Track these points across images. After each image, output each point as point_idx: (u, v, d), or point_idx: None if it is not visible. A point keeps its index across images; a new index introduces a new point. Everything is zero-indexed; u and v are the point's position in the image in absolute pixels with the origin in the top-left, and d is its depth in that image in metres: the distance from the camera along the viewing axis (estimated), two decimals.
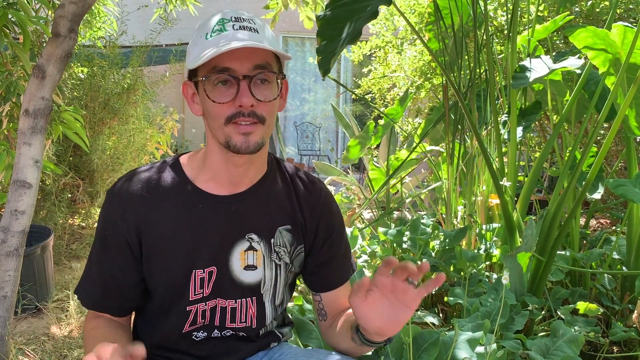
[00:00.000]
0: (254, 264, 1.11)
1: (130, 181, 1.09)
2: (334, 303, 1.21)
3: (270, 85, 1.02)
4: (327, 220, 1.19)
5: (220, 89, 0.99)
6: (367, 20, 2.01)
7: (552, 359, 1.49)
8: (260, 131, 1.01)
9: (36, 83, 1.93)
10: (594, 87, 2.40)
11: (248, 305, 1.13)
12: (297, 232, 1.15)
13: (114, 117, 4.06)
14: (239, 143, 0.99)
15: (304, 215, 1.16)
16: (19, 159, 1.95)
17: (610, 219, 4.62)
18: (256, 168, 1.11)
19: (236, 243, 1.09)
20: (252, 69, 0.98)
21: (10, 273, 1.96)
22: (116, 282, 1.08)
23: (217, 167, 1.08)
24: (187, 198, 1.08)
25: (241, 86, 0.97)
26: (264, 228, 1.12)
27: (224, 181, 1.09)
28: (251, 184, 1.11)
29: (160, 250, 1.06)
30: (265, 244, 1.12)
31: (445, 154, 3.19)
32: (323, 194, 1.20)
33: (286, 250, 1.14)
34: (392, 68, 4.99)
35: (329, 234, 1.19)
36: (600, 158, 1.95)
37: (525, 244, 2.00)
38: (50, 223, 3.55)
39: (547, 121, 4.11)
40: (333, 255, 1.20)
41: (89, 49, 4.12)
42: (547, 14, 3.62)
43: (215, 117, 1.00)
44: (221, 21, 1.00)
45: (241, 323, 1.14)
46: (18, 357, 2.14)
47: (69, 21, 1.93)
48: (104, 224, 1.08)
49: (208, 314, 1.11)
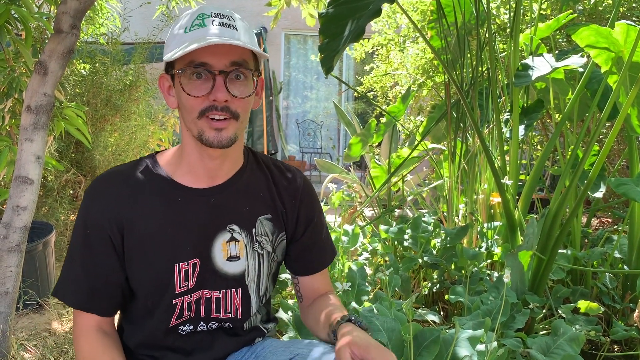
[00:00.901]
0: (236, 255, 1.13)
1: (109, 179, 1.10)
2: (311, 286, 1.25)
3: (246, 81, 1.04)
4: (308, 206, 1.22)
5: (196, 83, 1.01)
6: (370, 18, 2.00)
7: (552, 357, 1.49)
8: (234, 127, 1.03)
9: (38, 79, 1.93)
10: (596, 86, 2.40)
11: (233, 296, 1.15)
12: (277, 220, 1.18)
13: (116, 113, 4.06)
14: (211, 137, 1.01)
15: (284, 204, 1.19)
16: (20, 155, 1.95)
17: (611, 218, 4.61)
18: (232, 161, 1.14)
19: (217, 234, 1.11)
20: (228, 65, 1.00)
21: (12, 269, 1.97)
22: (103, 281, 1.08)
23: (193, 161, 1.10)
24: (166, 193, 1.09)
25: (217, 81, 1.00)
26: (244, 219, 1.14)
27: (201, 174, 1.11)
28: (228, 176, 1.14)
29: (142, 246, 1.07)
30: (246, 234, 1.14)
31: (447, 152, 3.18)
32: (301, 181, 1.23)
33: (268, 239, 1.17)
34: (394, 66, 4.98)
35: (311, 219, 1.22)
36: (602, 157, 1.95)
37: (526, 242, 2.00)
38: (52, 219, 3.56)
39: (549, 120, 4.11)
40: (315, 240, 1.24)
41: (91, 46, 4.11)
42: (550, 12, 3.61)
43: (189, 110, 1.02)
44: (201, 16, 1.01)
45: (226, 314, 1.15)
46: (19, 353, 2.14)
47: (71, 17, 1.93)
48: (84, 223, 1.07)
49: (193, 306, 1.12)
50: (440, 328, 1.67)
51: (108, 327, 1.11)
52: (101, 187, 1.09)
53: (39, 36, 2.58)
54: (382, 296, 1.95)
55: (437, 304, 2.47)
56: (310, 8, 3.65)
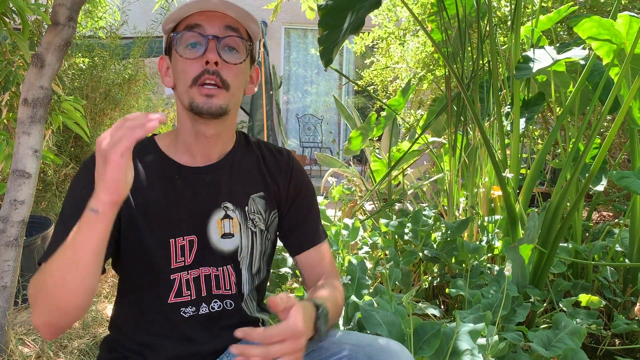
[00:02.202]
0: (230, 232, 1.15)
1: None
2: (308, 265, 1.24)
3: (238, 53, 1.07)
4: (297, 180, 1.24)
5: (190, 49, 1.05)
6: (370, 9, 1.99)
7: (554, 351, 1.48)
8: (224, 96, 1.04)
9: (35, 72, 1.92)
10: (598, 78, 2.38)
11: (229, 272, 1.16)
12: (270, 198, 1.20)
13: (115, 107, 4.05)
14: (201, 103, 1.03)
15: (276, 182, 1.21)
16: (18, 148, 1.94)
17: (613, 212, 4.60)
18: (225, 140, 1.16)
19: (212, 212, 1.13)
20: (222, 29, 1.05)
21: (10, 263, 1.96)
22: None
23: (188, 140, 1.12)
24: (162, 170, 1.11)
25: (209, 45, 1.03)
26: (237, 197, 1.16)
27: (196, 153, 1.13)
28: (221, 156, 1.16)
29: (137, 220, 1.07)
30: (240, 212, 1.16)
31: (447, 145, 3.17)
32: (291, 159, 1.26)
33: (261, 217, 1.19)
34: (394, 59, 4.96)
35: (298, 192, 1.24)
36: (604, 150, 1.93)
37: (527, 235, 1.99)
38: (51, 214, 3.55)
39: (550, 113, 4.09)
40: (304, 215, 1.24)
41: (90, 39, 4.10)
42: (551, 5, 3.59)
43: (183, 77, 1.05)
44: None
45: (226, 290, 1.16)
46: (18, 347, 2.14)
47: (68, 9, 1.91)
48: (80, 192, 1.03)
49: (192, 285, 1.12)
50: (441, 322, 1.66)
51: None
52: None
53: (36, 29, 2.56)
54: (383, 290, 1.94)
55: (438, 297, 2.47)
56: (310, 1, 3.63)
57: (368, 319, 1.45)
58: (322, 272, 1.24)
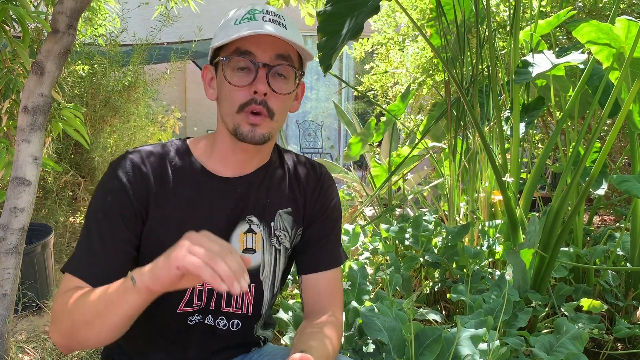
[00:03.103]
0: (252, 247, 1.11)
1: (139, 154, 1.07)
2: (313, 290, 1.16)
3: (287, 81, 1.04)
4: (325, 198, 1.20)
5: (239, 74, 1.02)
6: (369, 15, 1.99)
7: (555, 355, 1.48)
8: (268, 125, 1.03)
9: (35, 79, 1.92)
10: (597, 82, 2.38)
11: (246, 291, 1.10)
12: (297, 214, 1.16)
13: (114, 115, 4.05)
14: (245, 131, 1.01)
15: (305, 196, 1.17)
16: (17, 156, 1.94)
17: (614, 216, 4.60)
18: (262, 156, 1.14)
19: (236, 225, 1.10)
20: (273, 58, 1.01)
21: (10, 271, 1.95)
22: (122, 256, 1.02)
23: (224, 151, 1.09)
24: (194, 177, 1.08)
25: (259, 73, 1.00)
26: (264, 211, 1.12)
27: (230, 165, 1.10)
28: (254, 169, 1.13)
29: (164, 226, 1.04)
30: (265, 227, 1.12)
31: (447, 150, 3.17)
32: (323, 175, 1.21)
33: (287, 234, 1.15)
34: (394, 65, 4.97)
35: (324, 211, 1.19)
36: (604, 154, 1.93)
37: (528, 240, 1.98)
38: (52, 221, 3.55)
39: (550, 117, 4.09)
40: (324, 235, 1.19)
41: (90, 47, 4.11)
42: (550, 9, 3.60)
43: (230, 102, 1.02)
44: (252, 11, 1.03)
45: (236, 309, 1.12)
46: (18, 355, 2.13)
47: (68, 17, 1.92)
48: (107, 191, 1.03)
49: (205, 295, 1.09)
50: (442, 327, 1.66)
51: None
52: (130, 159, 1.06)
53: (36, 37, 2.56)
54: (383, 295, 1.94)
55: (439, 303, 2.46)
56: (309, 7, 3.64)
57: (369, 324, 1.44)
58: (326, 302, 1.15)
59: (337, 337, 1.10)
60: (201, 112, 8.29)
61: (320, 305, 1.15)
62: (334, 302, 1.16)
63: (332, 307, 1.15)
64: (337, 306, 1.16)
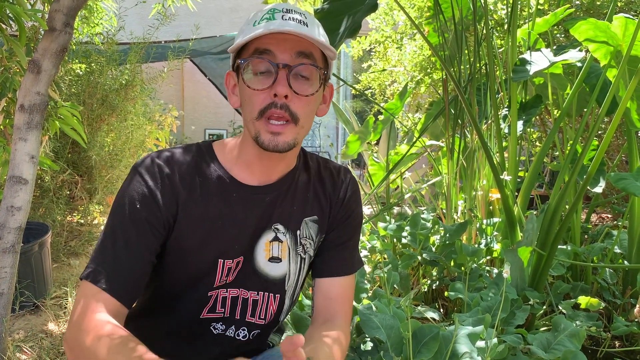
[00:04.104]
0: (278, 256, 1.09)
1: (166, 159, 1.03)
2: (324, 295, 1.13)
3: (310, 82, 0.98)
4: (350, 205, 1.16)
5: (259, 78, 0.96)
6: (367, 13, 1.99)
7: (553, 353, 1.48)
8: (292, 132, 0.97)
9: (31, 78, 1.91)
10: (595, 80, 2.39)
11: (270, 300, 1.11)
12: (323, 222, 1.13)
13: (112, 113, 4.04)
14: (266, 141, 0.96)
15: (330, 202, 1.14)
16: (14, 154, 1.93)
17: (611, 213, 4.61)
18: (288, 162, 1.09)
19: (262, 233, 1.07)
20: (294, 57, 0.95)
21: (7, 270, 1.95)
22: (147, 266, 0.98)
23: (250, 158, 1.05)
24: (222, 186, 1.04)
25: (279, 75, 0.94)
26: (290, 219, 1.09)
27: (256, 172, 1.06)
28: (281, 175, 1.09)
29: (189, 234, 1.01)
30: (291, 235, 1.10)
31: (445, 148, 3.17)
32: (349, 182, 1.17)
33: (312, 242, 1.12)
34: (391, 63, 4.97)
35: (347, 217, 1.16)
36: (601, 152, 1.93)
37: (526, 238, 1.98)
38: (49, 220, 3.54)
39: (547, 115, 4.10)
40: (344, 241, 1.16)
41: (87, 45, 4.09)
42: (548, 7, 3.60)
43: (250, 107, 0.97)
44: (272, 11, 0.98)
45: (260, 319, 1.11)
46: (16, 355, 2.13)
47: (65, 15, 1.91)
48: (133, 197, 0.98)
49: (228, 303, 1.08)
50: (440, 325, 1.66)
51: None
52: (157, 164, 1.01)
53: (32, 35, 2.56)
54: (381, 293, 1.94)
55: (437, 301, 2.46)
56: (307, 5, 3.64)
57: (367, 322, 1.44)
58: (336, 308, 1.13)
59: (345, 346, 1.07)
60: (198, 110, 8.29)
61: (330, 311, 1.12)
62: (343, 309, 1.13)
63: (341, 315, 1.12)
64: (347, 313, 1.14)
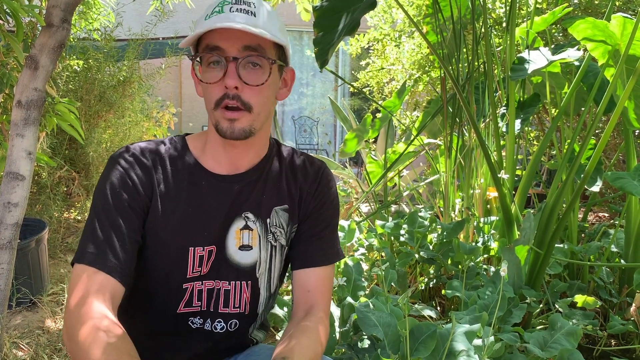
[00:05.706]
0: (249, 244, 1.11)
1: (140, 149, 1.07)
2: (302, 286, 1.13)
3: (262, 70, 1.01)
4: (323, 194, 1.17)
5: (212, 71, 1.00)
6: (366, 10, 1.99)
7: (550, 351, 1.48)
8: (247, 119, 1.00)
9: (29, 74, 1.91)
10: (592, 79, 2.39)
11: (243, 289, 1.12)
12: (293, 212, 1.15)
13: (109, 110, 4.04)
14: (224, 128, 1.00)
15: (301, 192, 1.15)
16: (11, 150, 1.93)
17: (608, 212, 4.61)
18: (256, 150, 1.11)
19: (233, 221, 1.09)
20: (241, 50, 0.98)
21: (4, 266, 1.94)
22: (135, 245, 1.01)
23: (216, 147, 1.09)
24: (192, 174, 1.08)
25: (228, 67, 0.98)
26: (260, 207, 1.11)
27: (224, 161, 1.09)
28: (251, 165, 1.11)
29: (162, 222, 1.04)
30: (261, 223, 1.11)
31: (443, 146, 3.17)
32: (322, 171, 1.18)
33: (283, 231, 1.14)
34: (390, 61, 4.97)
35: (320, 206, 1.16)
36: (599, 151, 1.94)
37: (523, 236, 1.99)
38: (46, 216, 3.53)
39: (545, 114, 4.10)
40: (318, 231, 1.16)
41: (84, 42, 4.08)
42: (546, 6, 3.60)
43: (207, 99, 1.02)
44: (221, 3, 1.00)
45: (234, 308, 1.12)
46: (12, 351, 2.12)
47: (62, 11, 1.90)
48: (112, 187, 1.01)
49: (204, 296, 1.09)
50: (437, 323, 1.66)
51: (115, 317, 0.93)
52: (132, 153, 1.06)
53: (30, 31, 2.55)
54: (379, 291, 1.94)
55: (434, 299, 2.46)
56: (305, 2, 3.63)
57: (364, 320, 1.44)
58: (314, 300, 1.12)
59: (323, 339, 1.06)
60: (196, 107, 8.27)
61: (308, 303, 1.11)
62: (322, 300, 1.12)
63: (320, 306, 1.11)
64: (326, 305, 1.13)
